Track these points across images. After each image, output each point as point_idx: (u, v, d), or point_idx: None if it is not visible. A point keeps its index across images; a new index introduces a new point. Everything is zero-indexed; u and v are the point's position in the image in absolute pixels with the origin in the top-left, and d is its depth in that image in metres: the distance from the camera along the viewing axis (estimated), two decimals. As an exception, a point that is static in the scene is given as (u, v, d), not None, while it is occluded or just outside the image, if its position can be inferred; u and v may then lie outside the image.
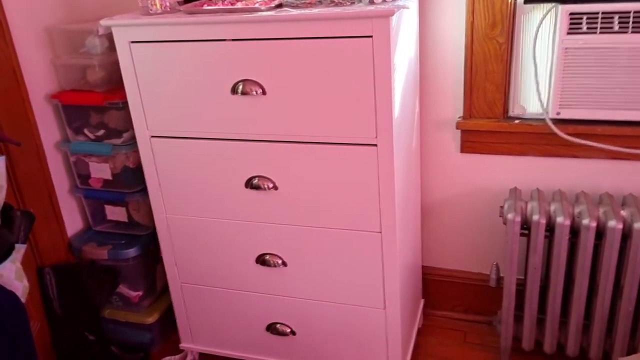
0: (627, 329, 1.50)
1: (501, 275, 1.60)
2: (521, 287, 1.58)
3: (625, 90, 1.43)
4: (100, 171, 1.71)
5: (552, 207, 1.49)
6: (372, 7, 1.18)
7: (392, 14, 1.16)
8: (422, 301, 1.89)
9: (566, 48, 1.43)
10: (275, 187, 1.42)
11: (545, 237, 1.49)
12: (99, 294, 1.76)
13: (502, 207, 1.54)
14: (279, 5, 1.30)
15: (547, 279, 1.55)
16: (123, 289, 1.80)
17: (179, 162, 1.48)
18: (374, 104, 1.25)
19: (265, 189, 1.42)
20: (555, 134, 1.52)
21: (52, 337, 1.74)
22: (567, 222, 1.44)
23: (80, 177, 1.76)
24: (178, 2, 1.42)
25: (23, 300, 1.21)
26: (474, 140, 1.65)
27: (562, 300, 1.54)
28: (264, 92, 1.32)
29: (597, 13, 1.38)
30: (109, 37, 1.49)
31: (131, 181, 1.70)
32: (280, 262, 1.51)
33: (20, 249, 1.22)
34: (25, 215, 1.27)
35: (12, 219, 1.23)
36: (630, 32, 1.37)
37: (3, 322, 1.14)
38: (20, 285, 1.20)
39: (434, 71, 1.64)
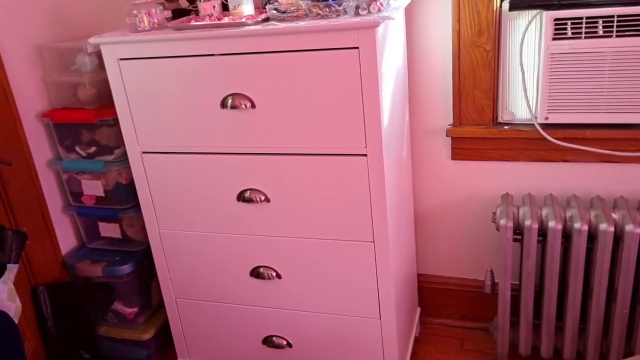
0: (622, 332, 1.50)
1: (496, 281, 1.60)
2: (516, 292, 1.58)
3: (612, 93, 1.44)
4: (93, 188, 1.71)
5: (544, 212, 1.49)
6: (357, 19, 1.19)
7: (378, 25, 1.17)
8: (418, 309, 1.89)
9: (552, 53, 1.44)
10: (267, 200, 1.42)
11: (538, 241, 1.49)
12: (94, 312, 1.75)
13: (494, 213, 1.55)
14: (266, 19, 1.31)
15: (541, 284, 1.55)
16: (118, 305, 1.79)
17: (171, 177, 1.48)
18: (362, 114, 1.25)
19: (257, 201, 1.42)
20: (544, 139, 1.53)
21: (47, 356, 1.72)
22: (559, 227, 1.44)
23: (72, 194, 1.76)
24: (166, 19, 1.43)
25: (16, 320, 1.20)
26: (464, 147, 1.66)
27: (557, 305, 1.54)
28: (253, 106, 1.32)
29: (582, 18, 1.40)
30: (99, 55, 1.49)
31: (124, 197, 1.70)
32: (274, 274, 1.51)
33: (12, 269, 1.21)
34: (17, 235, 1.27)
35: (3, 238, 1.23)
36: (614, 36, 1.39)
37: (-4, 343, 1.13)
38: (12, 306, 1.19)
39: (423, 80, 1.65)
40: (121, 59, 1.39)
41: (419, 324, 1.87)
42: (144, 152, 1.48)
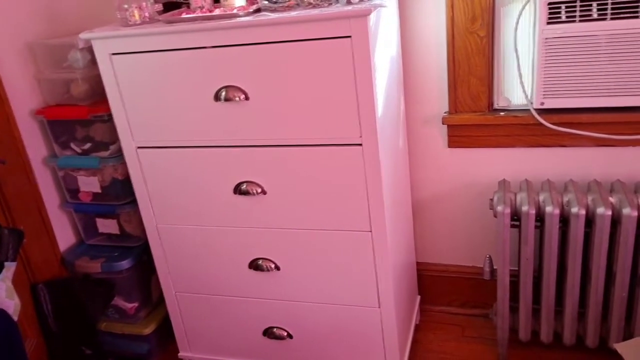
0: (621, 315, 1.51)
1: (495, 267, 1.61)
2: (515, 278, 1.59)
3: (607, 77, 1.43)
4: (89, 184, 1.71)
5: (541, 197, 1.49)
6: (349, 8, 1.18)
7: (369, 13, 1.16)
8: (418, 297, 1.89)
9: (546, 38, 1.43)
10: (263, 192, 1.41)
11: (536, 227, 1.49)
12: (94, 308, 1.75)
13: (491, 199, 1.55)
14: (257, 10, 1.30)
15: (540, 269, 1.55)
16: (118, 301, 1.80)
17: (167, 171, 1.48)
18: (356, 104, 1.25)
19: (254, 194, 1.42)
20: (541, 124, 1.52)
21: (49, 353, 1.73)
22: (557, 212, 1.44)
23: (69, 191, 1.76)
24: (157, 12, 1.42)
25: (15, 318, 1.20)
26: (460, 135, 1.66)
27: (556, 290, 1.54)
28: (247, 98, 1.32)
29: (575, 1, 1.38)
30: (91, 50, 1.48)
31: (120, 193, 1.70)
32: (273, 266, 1.51)
33: (10, 267, 1.21)
34: (14, 233, 1.27)
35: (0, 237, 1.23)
36: (609, 18, 1.38)
37: (-4, 341, 1.14)
38: (11, 304, 1.19)
39: (418, 68, 1.65)
40: (113, 54, 1.38)
41: (419, 311, 1.88)
42: (139, 147, 1.48)
